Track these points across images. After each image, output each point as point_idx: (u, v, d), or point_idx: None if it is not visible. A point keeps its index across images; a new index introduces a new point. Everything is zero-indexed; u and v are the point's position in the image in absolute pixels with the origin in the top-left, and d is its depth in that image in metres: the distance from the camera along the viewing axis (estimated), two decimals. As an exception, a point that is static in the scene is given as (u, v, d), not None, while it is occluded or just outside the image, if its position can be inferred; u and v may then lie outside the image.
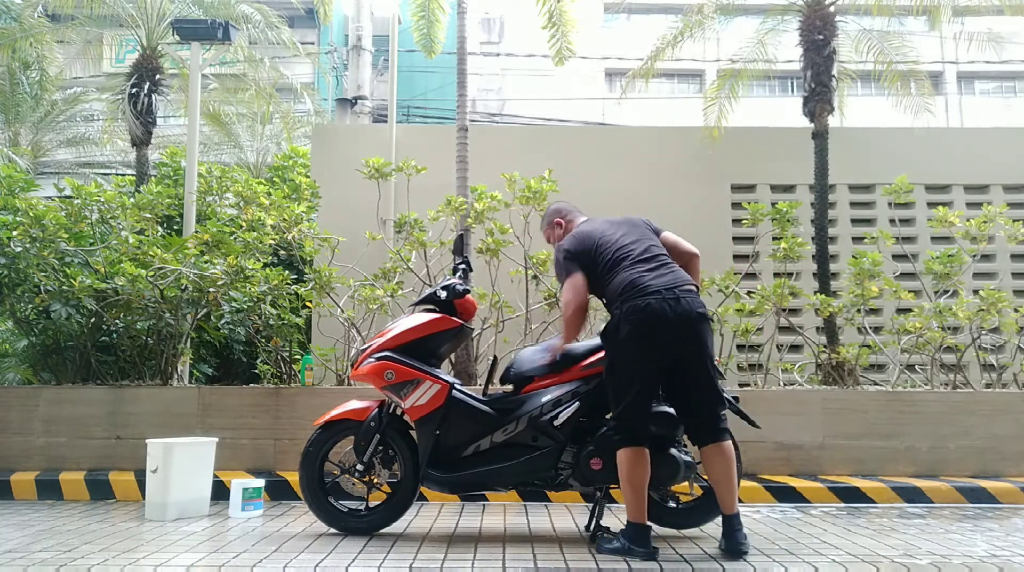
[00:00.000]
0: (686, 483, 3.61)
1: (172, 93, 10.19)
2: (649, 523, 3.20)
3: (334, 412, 3.67)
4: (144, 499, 4.29)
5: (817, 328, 6.88)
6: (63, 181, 6.79)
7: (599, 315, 5.86)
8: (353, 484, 3.65)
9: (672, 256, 3.49)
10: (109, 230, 6.40)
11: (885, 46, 7.87)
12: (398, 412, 3.68)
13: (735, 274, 6.08)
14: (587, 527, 3.60)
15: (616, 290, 3.28)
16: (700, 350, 3.22)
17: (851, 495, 4.75)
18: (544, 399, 3.48)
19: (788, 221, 6.00)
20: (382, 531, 3.65)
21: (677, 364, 3.22)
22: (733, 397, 3.58)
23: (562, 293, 3.46)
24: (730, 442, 3.26)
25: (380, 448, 3.61)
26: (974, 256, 6.21)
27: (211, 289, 5.59)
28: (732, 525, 3.20)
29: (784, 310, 6.01)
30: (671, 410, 3.42)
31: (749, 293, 6.07)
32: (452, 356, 5.75)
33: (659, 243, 3.48)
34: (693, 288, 3.29)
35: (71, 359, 5.85)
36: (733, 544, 3.17)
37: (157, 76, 9.31)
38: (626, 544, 3.17)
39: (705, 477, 3.64)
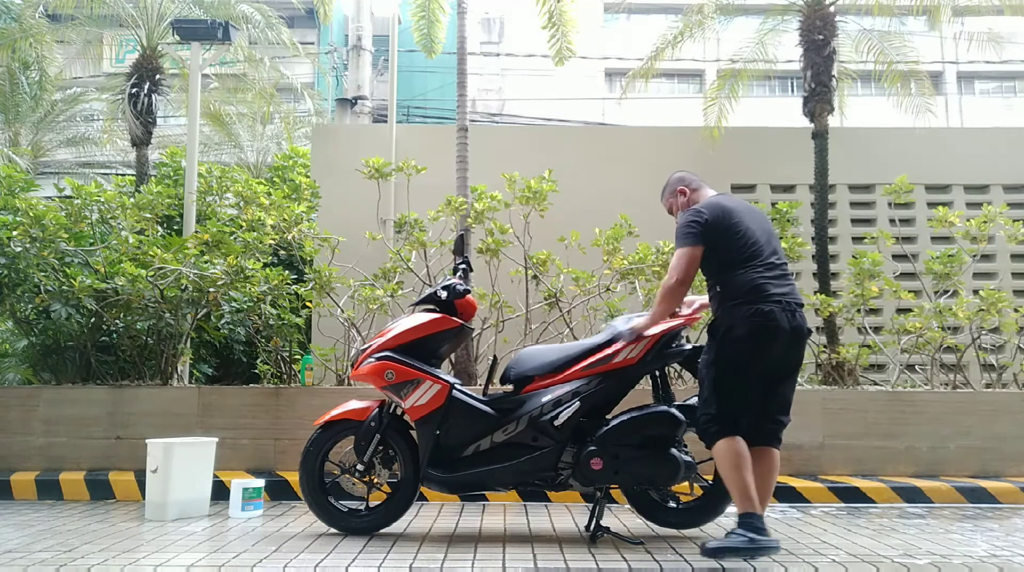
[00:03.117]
0: (686, 483, 3.61)
1: (172, 93, 10.19)
2: (758, 510, 3.07)
3: (334, 412, 3.67)
4: (144, 499, 4.28)
5: (817, 328, 6.86)
6: (63, 181, 6.79)
7: (598, 315, 5.88)
8: (353, 484, 3.65)
9: None
10: (109, 230, 6.40)
11: (885, 46, 7.87)
12: (398, 412, 3.68)
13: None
14: (587, 527, 3.60)
15: (740, 288, 3.23)
16: (797, 364, 3.34)
17: (851, 495, 4.75)
18: (544, 399, 3.48)
19: (788, 221, 6.00)
20: (382, 531, 3.65)
21: (776, 371, 3.27)
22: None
23: (675, 258, 3.32)
24: (778, 453, 3.31)
25: (380, 448, 3.61)
26: (974, 256, 6.21)
27: (211, 289, 5.59)
28: (758, 521, 3.15)
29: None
30: (674, 411, 3.42)
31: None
32: (452, 356, 5.75)
33: (780, 246, 3.47)
34: (803, 305, 3.35)
35: (71, 359, 5.84)
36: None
37: (157, 76, 9.31)
38: (750, 536, 3.00)
39: (706, 478, 3.66)
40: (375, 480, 3.64)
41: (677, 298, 3.38)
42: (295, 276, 6.10)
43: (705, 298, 3.53)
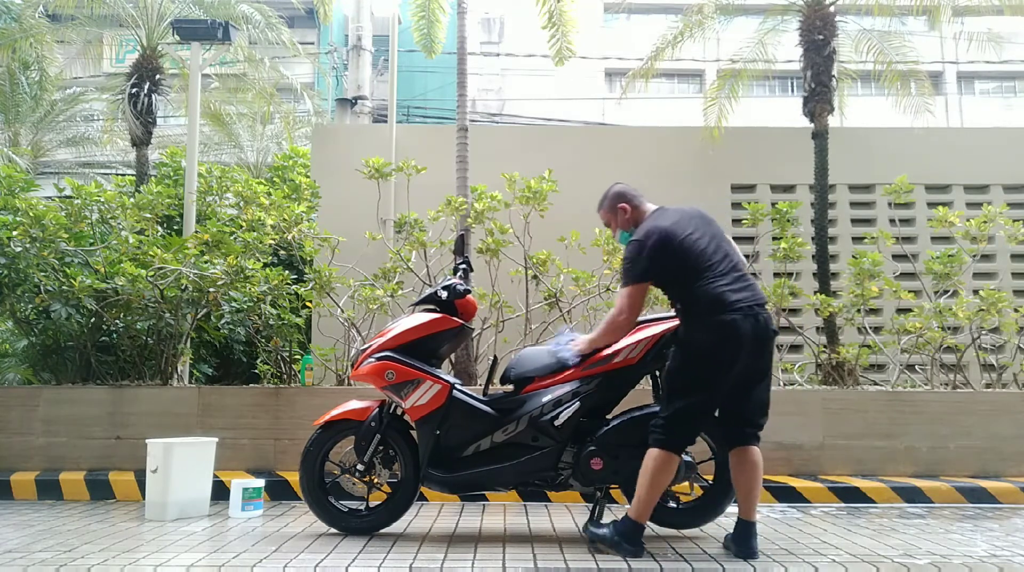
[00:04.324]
0: (686, 483, 3.61)
1: (172, 93, 10.18)
2: (646, 525, 3.21)
3: (334, 412, 3.67)
4: (144, 499, 4.28)
5: (817, 328, 6.88)
6: (63, 181, 6.79)
7: (597, 316, 5.87)
8: (353, 484, 3.65)
9: None
10: (109, 230, 6.40)
11: (885, 46, 7.87)
12: (398, 412, 3.68)
13: (735, 274, 6.07)
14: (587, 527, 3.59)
15: (699, 302, 3.18)
16: (767, 366, 3.28)
17: (851, 495, 4.75)
18: (544, 399, 3.48)
19: (788, 221, 6.00)
20: (382, 531, 3.65)
21: (744, 378, 3.22)
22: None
23: (619, 297, 3.31)
24: (759, 450, 3.28)
25: (380, 448, 3.61)
26: (974, 256, 6.21)
27: (211, 289, 5.59)
28: (748, 532, 3.22)
29: (784, 310, 6.01)
30: None
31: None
32: (452, 356, 5.75)
33: (733, 246, 3.40)
34: (766, 302, 3.30)
35: (71, 359, 5.85)
36: (745, 551, 3.19)
37: (157, 76, 9.31)
38: (615, 536, 3.18)
39: (706, 478, 3.65)
40: (375, 480, 3.64)
41: (622, 332, 3.39)
42: (295, 276, 6.10)
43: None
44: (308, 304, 6.04)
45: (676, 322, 3.50)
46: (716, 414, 3.31)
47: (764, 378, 3.28)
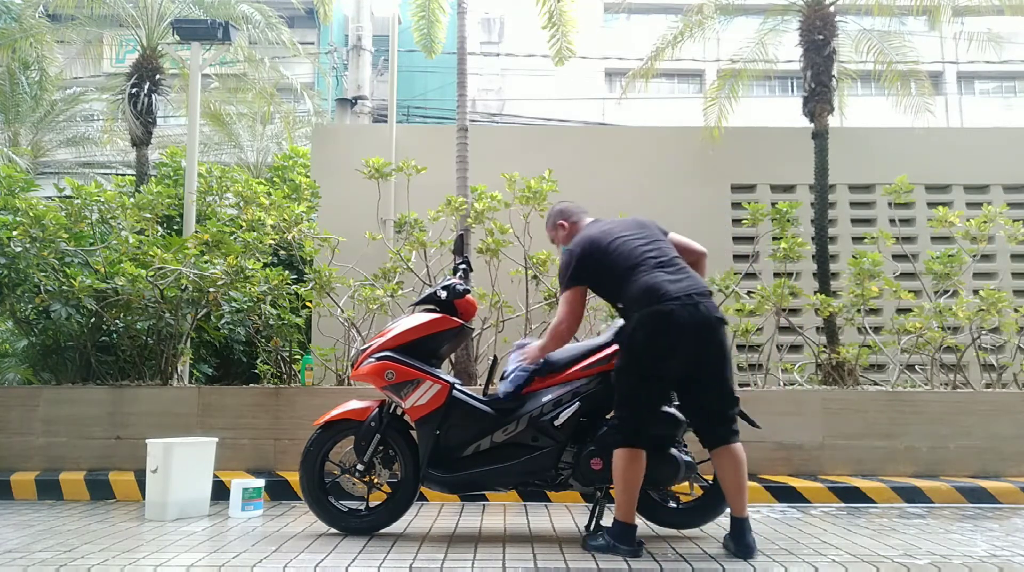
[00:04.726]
0: (686, 483, 3.61)
1: (172, 93, 10.18)
2: (635, 523, 3.22)
3: (334, 412, 3.67)
4: (144, 499, 4.28)
5: (817, 328, 6.88)
6: (63, 181, 6.79)
7: (598, 315, 5.87)
8: (353, 484, 3.65)
9: (686, 257, 3.50)
10: (109, 230, 6.40)
11: (885, 46, 7.87)
12: (398, 412, 3.68)
13: (735, 274, 6.09)
14: (587, 527, 3.59)
15: (635, 296, 3.22)
16: (718, 355, 3.23)
17: (851, 495, 4.75)
18: (544, 399, 3.49)
19: (788, 221, 6.00)
20: (382, 531, 3.65)
21: (695, 369, 3.22)
22: (733, 397, 3.59)
23: (560, 302, 3.45)
24: (740, 445, 3.26)
25: (380, 448, 3.61)
26: (974, 256, 6.21)
27: (211, 289, 5.59)
28: (742, 528, 3.21)
29: (784, 310, 6.01)
30: (674, 411, 3.42)
31: (749, 293, 6.07)
32: (452, 356, 5.75)
33: (670, 243, 3.47)
34: (709, 292, 3.29)
35: (71, 359, 5.85)
36: (743, 548, 3.18)
37: (157, 76, 9.31)
38: (611, 541, 3.20)
39: (706, 478, 3.65)
40: (375, 480, 3.64)
41: (565, 338, 3.46)
42: (295, 276, 6.10)
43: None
44: (308, 304, 6.04)
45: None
46: (686, 415, 3.35)
47: (719, 367, 3.24)
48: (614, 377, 3.34)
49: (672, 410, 3.43)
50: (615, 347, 3.45)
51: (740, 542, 3.19)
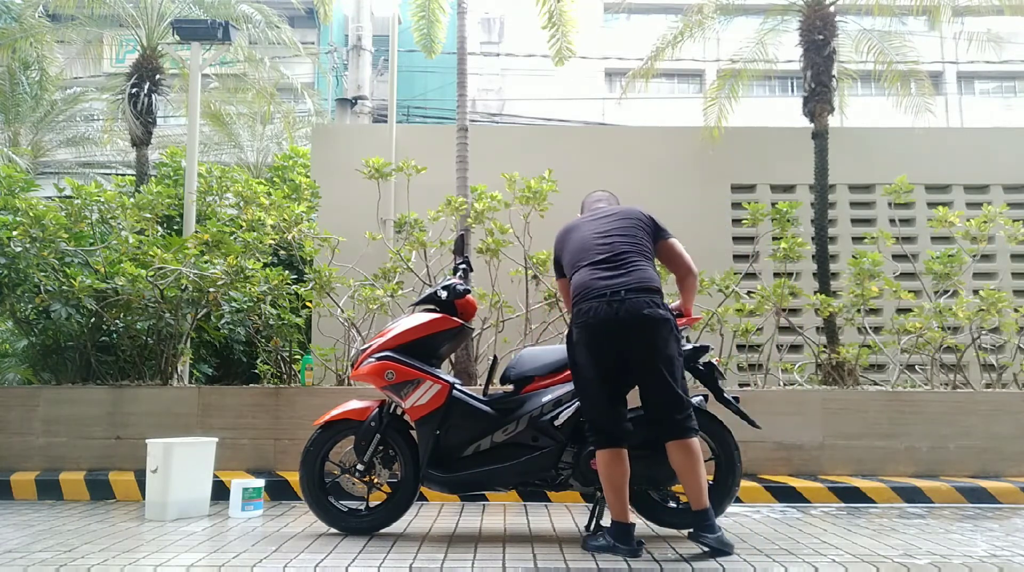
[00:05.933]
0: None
1: (172, 93, 10.18)
2: (632, 521, 3.22)
3: (334, 412, 3.67)
4: (144, 499, 4.29)
5: (817, 328, 6.88)
6: (63, 181, 6.78)
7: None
8: (353, 484, 3.65)
9: (670, 268, 3.50)
10: (109, 230, 6.40)
11: (885, 46, 7.87)
12: (398, 412, 3.68)
13: (735, 274, 6.08)
14: (587, 527, 3.60)
15: (574, 294, 3.32)
16: (649, 352, 3.14)
17: (851, 495, 4.75)
18: (544, 399, 3.49)
19: (788, 221, 6.00)
20: (382, 531, 3.65)
21: (635, 366, 3.18)
22: (733, 397, 3.60)
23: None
24: (695, 440, 3.18)
25: (380, 448, 3.61)
26: (974, 256, 6.21)
27: (211, 289, 5.59)
28: (699, 520, 3.16)
29: (784, 310, 6.01)
30: None
31: (749, 293, 6.07)
32: (452, 356, 5.75)
33: (638, 239, 3.34)
34: (647, 289, 3.17)
35: (71, 359, 5.85)
36: (711, 537, 3.12)
37: (157, 76, 9.31)
38: (611, 542, 3.20)
39: (706, 478, 3.65)
40: (375, 480, 3.64)
41: None
42: (295, 276, 6.10)
43: None
44: (308, 304, 6.04)
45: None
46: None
47: (651, 365, 3.12)
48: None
49: None
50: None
51: (697, 538, 3.16)
